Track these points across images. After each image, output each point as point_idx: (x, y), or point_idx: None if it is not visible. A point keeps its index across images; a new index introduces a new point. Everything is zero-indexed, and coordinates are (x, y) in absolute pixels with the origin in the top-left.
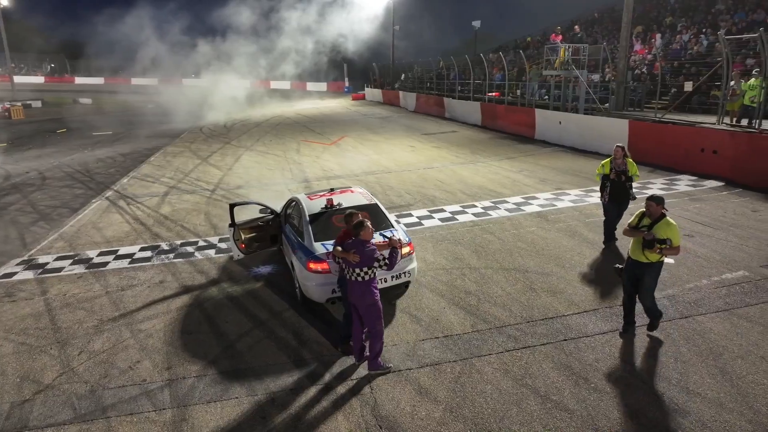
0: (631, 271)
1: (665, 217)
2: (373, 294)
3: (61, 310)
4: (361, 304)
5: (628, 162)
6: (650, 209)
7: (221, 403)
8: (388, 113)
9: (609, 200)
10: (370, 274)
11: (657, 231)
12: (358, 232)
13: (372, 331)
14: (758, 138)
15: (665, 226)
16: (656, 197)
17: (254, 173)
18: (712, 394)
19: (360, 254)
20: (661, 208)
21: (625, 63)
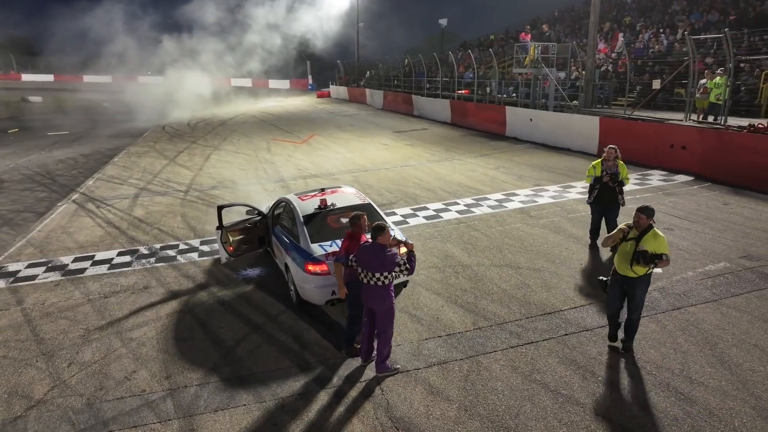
0: (619, 287)
1: (653, 229)
2: (392, 299)
3: (42, 321)
4: (380, 309)
5: (619, 164)
6: (639, 221)
7: (229, 411)
8: (356, 111)
9: (595, 202)
10: (390, 278)
11: (645, 243)
12: (376, 235)
13: (383, 335)
14: (726, 134)
15: (652, 238)
16: (646, 208)
17: (227, 173)
18: (714, 383)
19: (379, 259)
20: (650, 220)
21: (593, 61)
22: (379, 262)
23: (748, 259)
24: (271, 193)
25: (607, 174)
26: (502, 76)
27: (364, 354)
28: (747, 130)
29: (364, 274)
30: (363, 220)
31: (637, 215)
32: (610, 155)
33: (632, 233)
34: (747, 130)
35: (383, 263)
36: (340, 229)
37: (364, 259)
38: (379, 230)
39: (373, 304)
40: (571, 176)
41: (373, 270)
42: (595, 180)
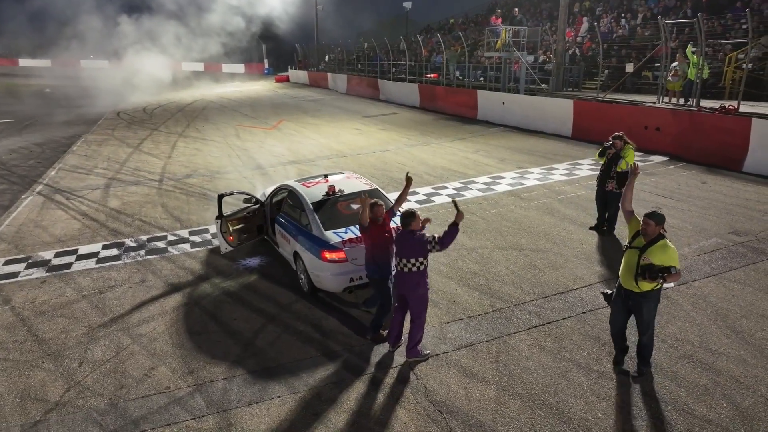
0: (623, 302)
1: (663, 240)
2: (425, 285)
3: (37, 320)
4: (413, 295)
5: (626, 149)
6: (647, 228)
7: (264, 404)
8: (319, 96)
9: (598, 186)
10: (425, 263)
11: (651, 254)
12: (408, 222)
13: (417, 321)
14: (698, 116)
15: (660, 250)
16: (656, 215)
17: (199, 161)
18: (734, 353)
19: (410, 246)
20: (660, 228)
21: (563, 45)
22: (410, 249)
23: (737, 235)
24: (251, 180)
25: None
26: (469, 60)
27: (393, 339)
28: (718, 111)
29: (398, 260)
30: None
31: (645, 221)
32: (617, 145)
33: (638, 241)
34: (718, 112)
35: (413, 249)
36: (352, 215)
37: (398, 247)
38: (409, 217)
39: (406, 291)
40: (552, 158)
41: (407, 256)
42: (600, 153)
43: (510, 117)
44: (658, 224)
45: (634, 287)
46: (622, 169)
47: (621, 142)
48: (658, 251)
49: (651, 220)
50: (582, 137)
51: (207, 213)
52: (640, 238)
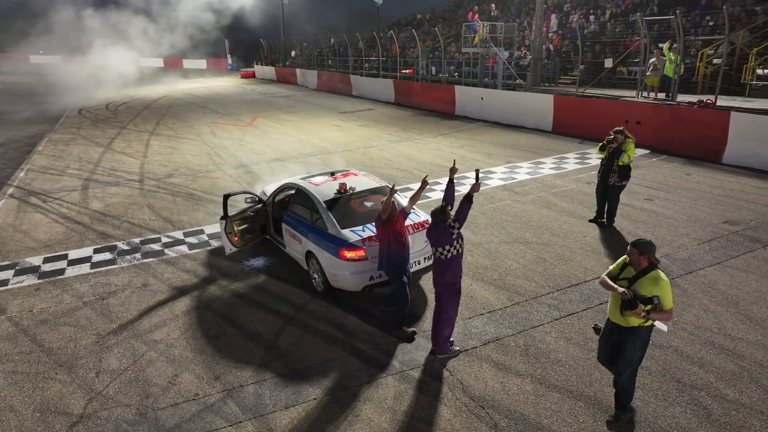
0: (609, 336)
1: (654, 270)
2: (456, 274)
3: (39, 329)
4: (439, 282)
5: (627, 143)
6: (632, 257)
7: (301, 406)
8: (289, 92)
9: (599, 180)
10: (452, 251)
11: (640, 287)
12: (436, 219)
13: (445, 316)
14: (678, 110)
15: (651, 282)
16: (640, 243)
17: (178, 160)
18: (752, 338)
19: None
20: (648, 258)
21: (540, 41)
22: (440, 237)
23: (730, 224)
24: (236, 179)
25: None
26: (445, 56)
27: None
28: (697, 105)
29: (434, 250)
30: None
31: (630, 250)
32: (618, 139)
33: (628, 272)
34: (697, 106)
35: (440, 238)
36: (366, 213)
37: (431, 238)
38: (441, 213)
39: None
40: (537, 153)
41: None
42: (601, 148)
43: (489, 112)
44: (642, 253)
45: (621, 321)
46: (624, 163)
47: (622, 136)
48: (649, 283)
49: (635, 248)
50: (562, 131)
51: (197, 213)
52: (630, 268)
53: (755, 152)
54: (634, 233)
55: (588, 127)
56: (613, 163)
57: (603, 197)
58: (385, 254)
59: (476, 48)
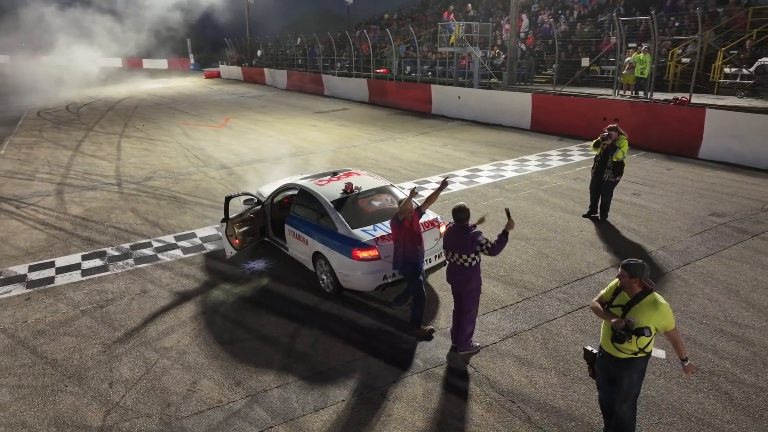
0: (604, 365)
1: (651, 294)
2: (477, 280)
3: (38, 340)
4: (465, 289)
5: (621, 139)
6: (622, 281)
7: (331, 408)
8: (259, 92)
9: (593, 176)
10: (477, 259)
11: (637, 314)
12: (462, 217)
13: (468, 314)
14: (655, 107)
15: (650, 308)
16: (631, 265)
17: (154, 162)
18: (758, 324)
19: (462, 241)
20: (639, 281)
21: (515, 40)
22: (462, 244)
23: (717, 216)
24: (219, 181)
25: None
26: (417, 55)
27: (455, 336)
28: (673, 102)
29: (450, 255)
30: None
31: (620, 272)
32: (612, 136)
33: (622, 297)
34: (673, 103)
35: (465, 245)
36: (375, 212)
37: (449, 242)
38: (463, 211)
39: (457, 285)
40: (520, 150)
41: (458, 251)
42: (595, 145)
43: (466, 111)
44: (633, 276)
45: (614, 351)
46: (618, 159)
47: (616, 133)
48: (647, 309)
49: (625, 271)
50: (541, 129)
51: (185, 217)
52: (624, 293)
53: (729, 147)
54: (629, 227)
55: (567, 124)
56: (608, 160)
57: (597, 193)
58: (401, 253)
59: (452, 47)
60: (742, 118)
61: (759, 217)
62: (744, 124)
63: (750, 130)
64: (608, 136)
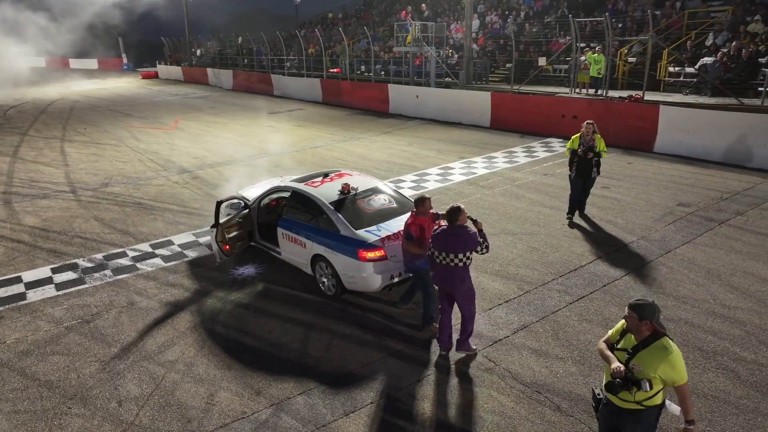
0: (607, 413)
1: (662, 339)
2: (470, 279)
3: (24, 362)
4: (459, 291)
5: (596, 138)
6: (630, 323)
7: (362, 411)
8: (204, 92)
9: (576, 175)
10: (470, 259)
11: (643, 361)
12: (455, 218)
13: (467, 315)
14: (612, 104)
15: (658, 353)
16: (641, 305)
17: (107, 168)
18: (745, 305)
19: (462, 240)
20: (650, 324)
21: (470, 40)
22: (463, 243)
23: (684, 206)
24: (183, 186)
25: (582, 147)
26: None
27: (446, 341)
28: (628, 100)
29: (442, 257)
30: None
31: (628, 313)
32: (588, 130)
33: (629, 339)
34: (628, 100)
35: (465, 243)
36: (375, 212)
37: (444, 242)
38: (458, 212)
39: (452, 287)
40: (485, 148)
41: (456, 251)
42: (572, 153)
43: (425, 110)
44: (642, 318)
45: (616, 399)
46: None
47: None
48: (654, 356)
49: (633, 312)
50: (500, 127)
51: (157, 224)
52: (631, 336)
53: (682, 141)
54: (606, 219)
55: (526, 122)
56: (590, 160)
57: (580, 192)
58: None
59: (408, 47)
60: (693, 113)
61: (720, 206)
62: (695, 120)
63: (700, 125)
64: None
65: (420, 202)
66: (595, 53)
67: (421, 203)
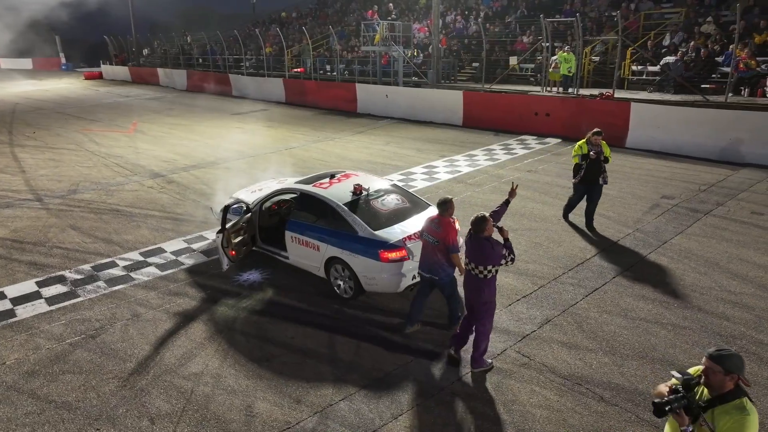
0: None
1: (742, 399)
2: (491, 293)
3: (33, 383)
4: (477, 301)
5: (602, 144)
6: (712, 377)
7: (409, 414)
8: (157, 93)
9: (580, 182)
10: (494, 271)
11: (719, 421)
12: (482, 228)
13: (481, 329)
14: (584, 102)
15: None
16: (728, 356)
17: (71, 173)
18: (748, 291)
19: (485, 252)
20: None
21: (438, 40)
22: (488, 256)
23: (668, 199)
24: (160, 191)
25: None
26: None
27: (457, 341)
28: (599, 97)
29: (472, 266)
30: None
31: (708, 366)
32: (597, 141)
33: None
34: (599, 98)
35: (489, 256)
36: (391, 212)
37: (470, 252)
38: (483, 222)
39: (471, 296)
40: (464, 146)
41: (480, 263)
42: (582, 158)
43: (395, 109)
44: (729, 372)
45: None
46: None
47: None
48: (728, 416)
49: (718, 364)
50: (473, 125)
51: (142, 231)
52: (703, 388)
53: (653, 137)
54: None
55: (498, 120)
56: (600, 165)
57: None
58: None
59: (376, 47)
60: (662, 110)
61: (700, 197)
62: (664, 116)
63: (669, 121)
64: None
65: (447, 205)
66: (565, 52)
67: (449, 205)
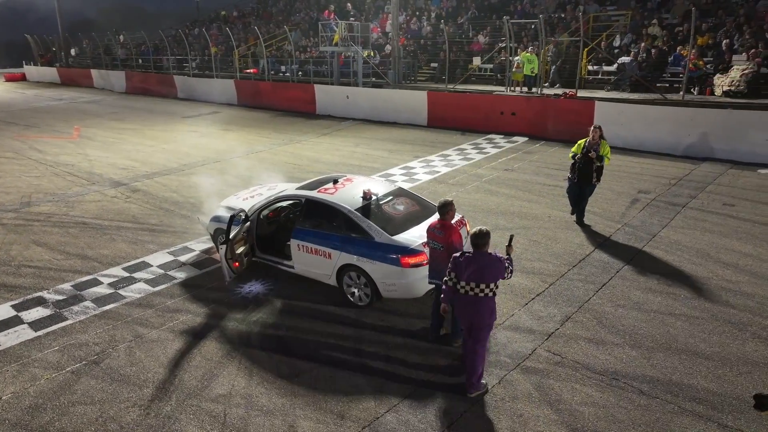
0: None
1: None
2: (494, 314)
3: (41, 419)
4: (485, 323)
5: (602, 143)
6: None
7: (460, 422)
8: (93, 96)
9: (575, 181)
10: (495, 290)
11: None
12: (484, 242)
13: (481, 352)
14: (549, 101)
15: None
16: None
17: (20, 185)
18: (744, 279)
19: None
20: None
21: (398, 40)
22: (492, 272)
23: (645, 194)
24: (128, 200)
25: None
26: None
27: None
28: (563, 96)
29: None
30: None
31: None
32: (595, 135)
33: None
34: (563, 97)
35: (493, 272)
36: (405, 216)
37: (472, 272)
38: (487, 236)
39: (477, 318)
40: (435, 146)
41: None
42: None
43: (356, 110)
44: None
45: None
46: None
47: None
48: None
49: None
50: (438, 125)
51: (118, 244)
52: None
53: (617, 134)
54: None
55: (464, 119)
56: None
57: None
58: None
59: (335, 47)
60: (625, 108)
61: (674, 191)
62: (627, 114)
63: (631, 119)
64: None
65: (448, 207)
66: (528, 53)
67: (449, 208)
